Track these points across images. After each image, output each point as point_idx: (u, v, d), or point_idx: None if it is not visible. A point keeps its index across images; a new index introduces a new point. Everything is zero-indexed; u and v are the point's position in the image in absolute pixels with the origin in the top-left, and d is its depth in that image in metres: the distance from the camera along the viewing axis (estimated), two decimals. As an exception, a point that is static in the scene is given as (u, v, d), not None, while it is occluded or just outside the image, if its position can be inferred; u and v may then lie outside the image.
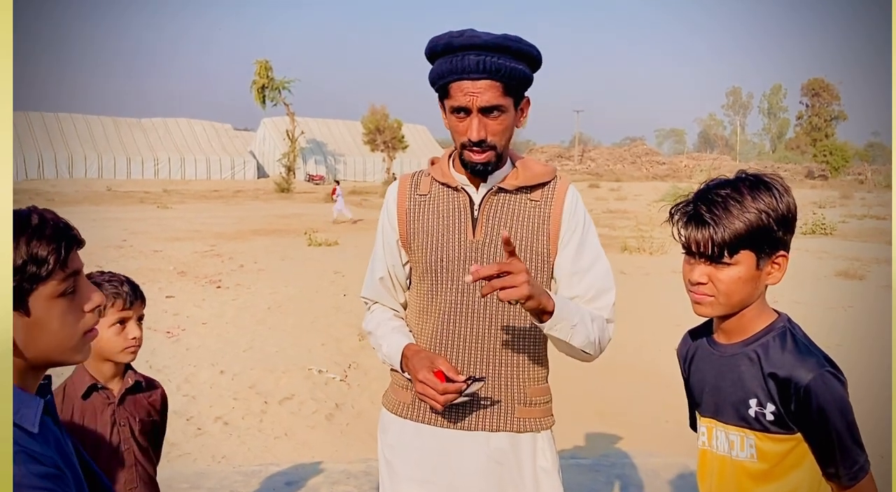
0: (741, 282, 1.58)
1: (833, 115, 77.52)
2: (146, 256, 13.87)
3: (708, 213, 1.56)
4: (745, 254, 1.56)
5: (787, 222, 1.58)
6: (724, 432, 1.66)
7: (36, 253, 1.20)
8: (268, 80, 47.57)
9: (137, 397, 2.27)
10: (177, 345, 7.44)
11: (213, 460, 4.76)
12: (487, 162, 1.91)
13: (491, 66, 1.82)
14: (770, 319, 1.65)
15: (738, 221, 1.53)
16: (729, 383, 1.65)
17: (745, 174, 1.63)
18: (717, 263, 1.57)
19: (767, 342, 1.60)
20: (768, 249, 1.57)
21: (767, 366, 1.58)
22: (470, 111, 1.87)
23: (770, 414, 1.57)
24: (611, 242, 15.84)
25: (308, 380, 6.38)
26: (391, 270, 2.11)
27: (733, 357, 1.65)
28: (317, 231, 17.25)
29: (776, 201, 1.56)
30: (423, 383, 1.85)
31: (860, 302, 9.93)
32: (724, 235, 1.54)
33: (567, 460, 4.49)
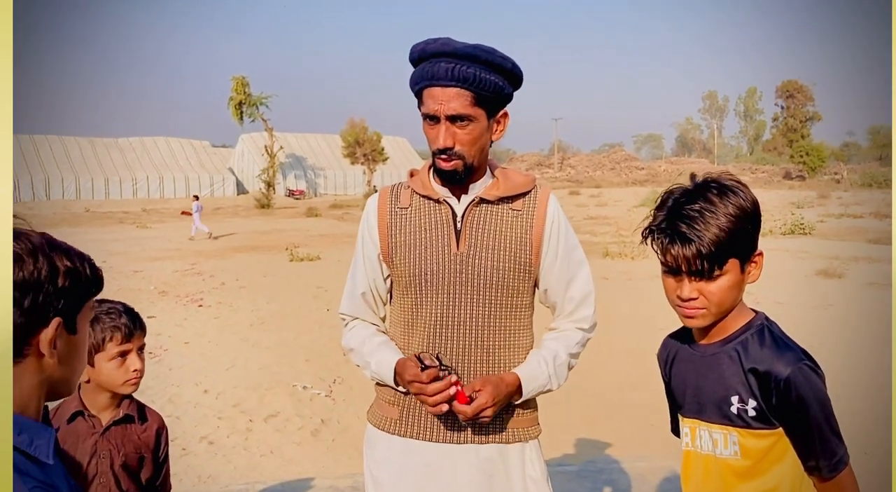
0: (730, 289, 1.60)
1: (808, 116, 78.36)
2: (126, 277, 13.76)
3: (689, 229, 1.56)
4: (732, 262, 1.58)
5: (757, 219, 1.61)
6: (708, 430, 1.68)
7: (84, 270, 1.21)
8: (245, 96, 47.44)
9: (127, 429, 2.18)
10: (159, 365, 7.37)
11: (199, 480, 4.71)
12: (455, 170, 1.91)
13: (460, 75, 1.83)
14: (748, 317, 1.67)
15: (720, 232, 1.55)
16: (710, 382, 1.67)
17: (706, 181, 1.64)
18: (706, 277, 1.59)
19: (746, 339, 1.63)
20: (749, 252, 1.60)
21: (747, 362, 1.60)
22: (439, 118, 1.87)
23: (752, 410, 1.59)
24: (592, 248, 15.90)
25: (293, 396, 6.34)
26: (372, 285, 2.10)
27: (714, 356, 1.67)
28: (298, 246, 17.19)
29: (744, 201, 1.58)
30: (411, 383, 1.85)
31: (840, 300, 10.02)
32: (710, 249, 1.55)
33: (554, 468, 4.48)
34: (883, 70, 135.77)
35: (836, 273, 12.25)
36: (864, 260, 14.09)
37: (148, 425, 2.25)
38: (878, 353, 6.67)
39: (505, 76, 1.91)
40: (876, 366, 6.15)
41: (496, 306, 1.98)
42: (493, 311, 1.98)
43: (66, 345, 1.19)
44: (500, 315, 1.99)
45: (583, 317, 2.06)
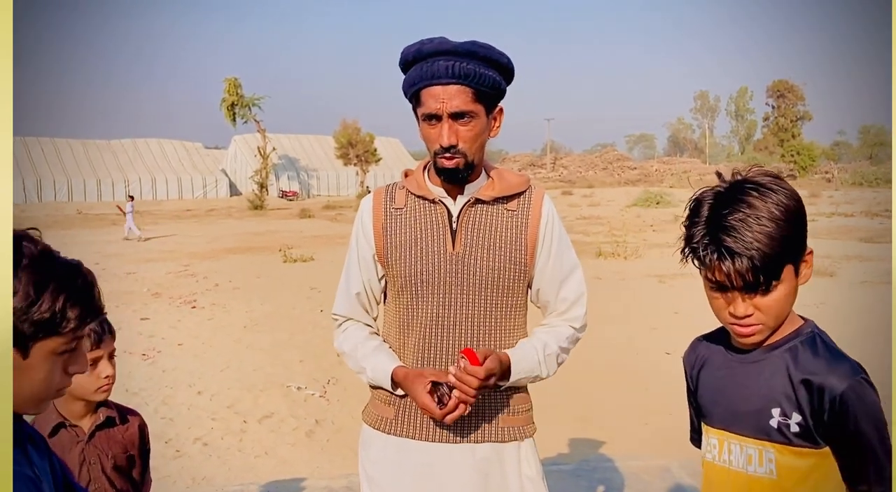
0: (787, 298, 1.46)
1: (799, 115, 78.69)
2: (119, 279, 13.72)
3: (736, 242, 1.39)
4: (787, 269, 1.44)
5: (803, 215, 1.45)
6: (740, 444, 1.52)
7: (65, 312, 1.20)
8: (237, 98, 47.35)
9: (111, 432, 2.20)
10: (153, 367, 7.36)
11: (193, 481, 4.71)
12: (457, 167, 1.91)
13: (460, 71, 1.84)
14: (796, 323, 1.52)
15: (770, 241, 1.39)
16: (749, 392, 1.52)
17: (740, 181, 1.47)
18: (762, 291, 1.44)
19: (796, 347, 1.48)
20: (801, 253, 1.46)
21: (797, 372, 1.45)
22: (441, 117, 1.87)
23: (795, 425, 1.44)
24: (585, 248, 15.94)
25: (287, 397, 6.35)
26: (367, 285, 2.10)
27: (756, 364, 1.52)
28: (291, 247, 17.16)
29: (787, 199, 1.42)
30: (426, 410, 1.88)
31: (831, 299, 10.06)
32: (765, 261, 1.39)
33: (549, 467, 4.48)
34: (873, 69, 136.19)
35: (827, 272, 12.30)
36: (856, 259, 14.17)
37: (130, 425, 2.28)
38: (870, 351, 6.68)
39: (500, 71, 1.93)
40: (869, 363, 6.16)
41: (491, 306, 1.99)
42: (488, 311, 1.99)
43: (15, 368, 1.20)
44: (495, 315, 2.00)
45: (575, 316, 2.08)
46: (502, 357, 1.91)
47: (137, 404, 6.15)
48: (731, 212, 1.41)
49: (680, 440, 5.11)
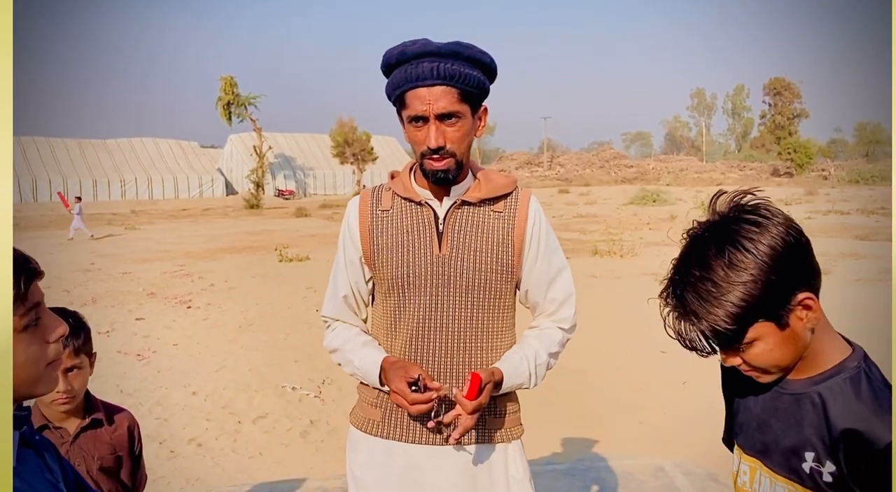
0: (775, 351, 1.33)
1: (795, 113, 78.84)
2: (115, 279, 13.70)
3: (693, 304, 1.31)
4: (757, 328, 1.31)
5: (789, 261, 1.29)
6: (770, 479, 1.41)
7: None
8: (233, 97, 47.33)
9: (97, 433, 2.19)
10: (147, 367, 7.34)
11: (187, 482, 4.70)
12: (447, 169, 1.91)
13: (445, 72, 1.83)
14: (842, 354, 1.37)
15: (728, 305, 1.28)
16: (783, 426, 1.39)
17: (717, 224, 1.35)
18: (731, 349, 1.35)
19: (838, 385, 1.33)
20: (783, 308, 1.30)
21: (835, 416, 1.30)
22: (427, 119, 1.86)
23: (828, 475, 1.30)
24: (581, 246, 15.95)
25: (282, 398, 6.34)
26: (354, 287, 2.09)
27: (794, 397, 1.38)
28: (287, 247, 17.16)
29: (759, 254, 1.28)
30: (395, 394, 1.85)
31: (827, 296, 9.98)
32: (719, 325, 1.29)
33: (543, 466, 4.50)
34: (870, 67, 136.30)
35: (823, 269, 12.26)
36: (852, 256, 14.18)
37: (118, 426, 2.26)
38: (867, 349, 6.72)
39: (484, 71, 1.93)
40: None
41: (478, 308, 1.99)
42: (475, 312, 1.99)
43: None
44: (483, 317, 2.00)
45: (564, 317, 2.07)
46: (496, 375, 1.91)
47: (132, 405, 6.14)
48: (694, 271, 1.32)
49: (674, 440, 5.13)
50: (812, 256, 1.35)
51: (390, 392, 1.89)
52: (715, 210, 1.38)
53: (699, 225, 1.38)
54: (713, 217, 1.37)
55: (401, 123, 1.99)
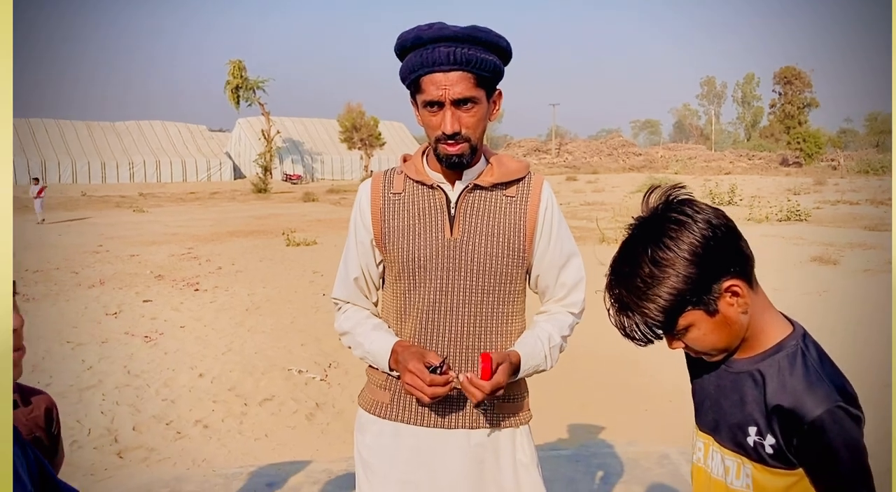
0: (709, 336, 1.44)
1: (805, 102, 78.41)
2: (123, 261, 13.75)
3: (625, 299, 1.43)
4: (685, 316, 1.41)
5: (711, 254, 1.38)
6: (721, 454, 1.51)
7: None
8: (242, 81, 47.34)
9: (14, 414, 2.20)
10: (155, 349, 7.38)
11: (193, 463, 4.73)
12: (462, 154, 1.90)
13: (461, 58, 1.82)
14: (782, 333, 1.46)
15: (656, 299, 1.39)
16: (730, 404, 1.49)
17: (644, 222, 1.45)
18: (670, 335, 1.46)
19: (775, 363, 1.42)
20: (707, 297, 1.39)
21: (771, 393, 1.40)
22: (443, 104, 1.85)
23: (769, 447, 1.40)
24: (589, 234, 15.93)
25: (288, 381, 6.36)
26: (365, 270, 2.09)
27: (738, 375, 1.48)
28: (295, 231, 17.17)
29: (680, 251, 1.37)
30: (411, 374, 1.84)
31: (835, 287, 10.04)
32: (650, 317, 1.41)
33: (548, 452, 4.51)
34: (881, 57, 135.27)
35: (831, 259, 12.27)
36: (860, 247, 14.11)
37: (34, 407, 2.26)
38: (873, 339, 6.70)
39: (499, 55, 1.91)
40: (871, 352, 6.17)
41: (489, 292, 1.98)
42: (485, 297, 1.98)
43: None
44: (493, 301, 1.99)
45: (574, 302, 2.07)
46: (512, 357, 1.91)
47: (139, 386, 6.19)
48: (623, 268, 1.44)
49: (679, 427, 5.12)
50: (740, 243, 1.42)
51: (404, 374, 1.88)
52: (647, 206, 1.48)
53: (633, 222, 1.48)
54: (644, 213, 1.47)
55: (413, 107, 1.98)
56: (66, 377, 6.30)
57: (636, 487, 4.05)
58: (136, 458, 4.83)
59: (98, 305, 9.61)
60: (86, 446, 4.90)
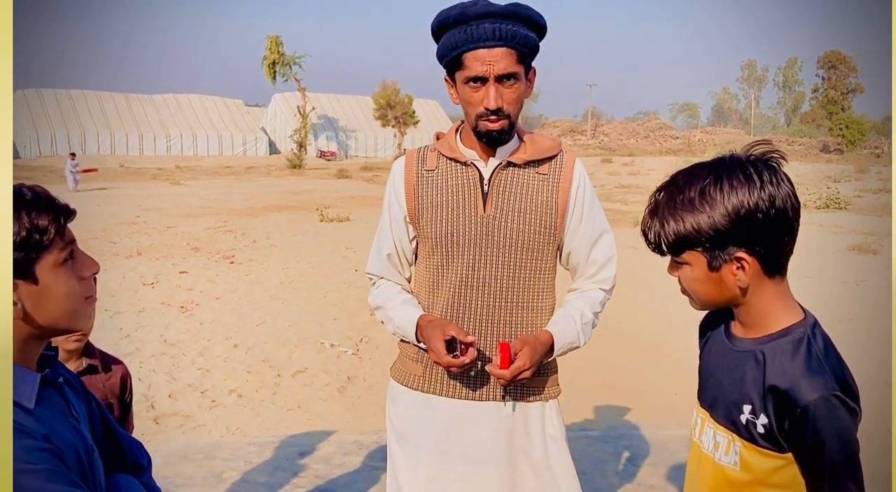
0: (697, 283, 1.47)
1: (850, 87, 76.65)
2: (159, 232, 13.97)
3: (661, 205, 1.45)
4: (692, 253, 1.44)
5: (748, 222, 1.37)
6: (714, 430, 1.54)
7: (37, 223, 1.25)
8: (279, 56, 47.45)
9: (92, 379, 2.27)
10: (191, 320, 7.52)
11: (227, 431, 4.84)
12: (502, 129, 1.93)
13: (506, 34, 1.84)
14: (792, 319, 1.45)
15: (679, 222, 1.41)
16: (730, 381, 1.50)
17: (724, 159, 1.44)
18: (673, 259, 1.49)
19: (779, 347, 1.42)
20: (718, 251, 1.40)
21: (770, 374, 1.41)
22: (486, 80, 1.87)
23: (761, 426, 1.41)
24: (623, 217, 15.82)
25: (320, 354, 6.46)
26: (398, 245, 2.13)
27: (741, 354, 1.49)
28: (328, 207, 17.29)
29: (726, 201, 1.37)
30: (434, 354, 1.90)
31: (873, 276, 9.89)
32: (665, 231, 1.44)
33: (575, 432, 4.54)
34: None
35: (870, 249, 12.07)
36: (900, 236, 13.86)
37: (112, 374, 2.35)
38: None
39: (537, 32, 1.94)
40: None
41: (521, 269, 2.01)
42: (517, 273, 2.01)
43: (29, 296, 1.26)
44: (525, 277, 2.02)
45: (605, 278, 2.10)
46: (541, 338, 1.95)
47: (175, 355, 6.32)
48: (678, 182, 1.45)
49: (708, 411, 5.06)
50: (783, 235, 1.40)
51: (430, 352, 1.93)
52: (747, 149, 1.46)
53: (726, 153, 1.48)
54: (731, 153, 1.46)
55: (448, 85, 2.00)
56: (105, 345, 6.40)
57: (663, 469, 4.07)
58: (172, 424, 4.95)
59: (135, 275, 9.80)
60: (124, 411, 5.02)
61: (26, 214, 1.24)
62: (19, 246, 1.23)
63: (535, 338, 1.94)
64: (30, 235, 1.24)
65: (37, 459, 1.17)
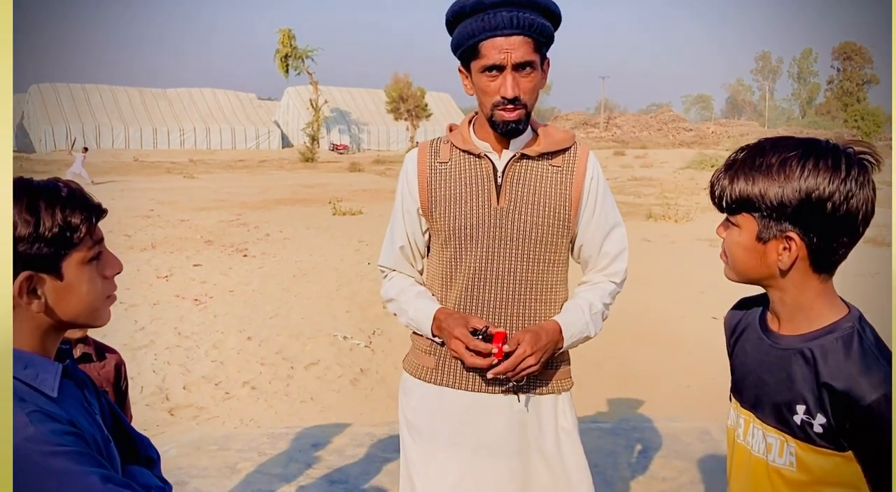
0: (740, 247, 1.43)
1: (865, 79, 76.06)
2: (173, 226, 14.04)
3: (738, 162, 1.41)
4: (746, 217, 1.40)
5: (813, 208, 1.32)
6: (763, 431, 1.46)
7: (70, 221, 1.26)
8: (291, 49, 47.45)
9: (87, 367, 2.28)
10: (204, 312, 7.57)
11: (240, 422, 4.87)
12: (518, 119, 1.92)
13: (524, 22, 1.83)
14: (837, 314, 1.40)
15: (749, 183, 1.37)
16: (776, 380, 1.43)
17: (819, 140, 1.40)
18: (727, 218, 1.46)
19: (829, 344, 1.36)
20: (773, 223, 1.37)
21: (824, 373, 1.34)
22: (503, 68, 1.86)
23: (819, 426, 1.35)
24: (636, 210, 15.77)
25: (333, 346, 6.48)
26: (411, 238, 2.13)
27: (786, 352, 1.42)
28: (341, 200, 17.32)
29: (804, 181, 1.32)
30: (457, 340, 1.89)
31: (887, 269, 9.82)
32: (731, 189, 1.40)
33: (588, 424, 4.55)
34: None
35: (884, 241, 11.97)
36: (916, 229, 13.75)
37: (106, 362, 2.36)
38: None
39: (553, 21, 1.93)
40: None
41: (534, 261, 2.01)
42: (530, 265, 2.01)
43: (53, 291, 1.28)
44: (538, 270, 2.02)
45: (616, 271, 2.09)
46: (546, 327, 1.95)
47: (189, 347, 6.37)
48: (765, 145, 1.40)
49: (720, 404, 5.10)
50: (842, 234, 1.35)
51: (449, 341, 1.92)
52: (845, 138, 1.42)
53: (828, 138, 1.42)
54: (828, 139, 1.41)
55: (462, 76, 2.00)
56: (120, 337, 6.50)
57: (676, 461, 4.07)
58: (187, 416, 4.99)
59: (150, 268, 9.86)
60: (139, 403, 5.07)
61: (60, 210, 1.25)
62: (50, 241, 1.24)
63: (538, 326, 1.95)
64: (62, 231, 1.25)
65: (66, 441, 1.18)
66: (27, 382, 1.22)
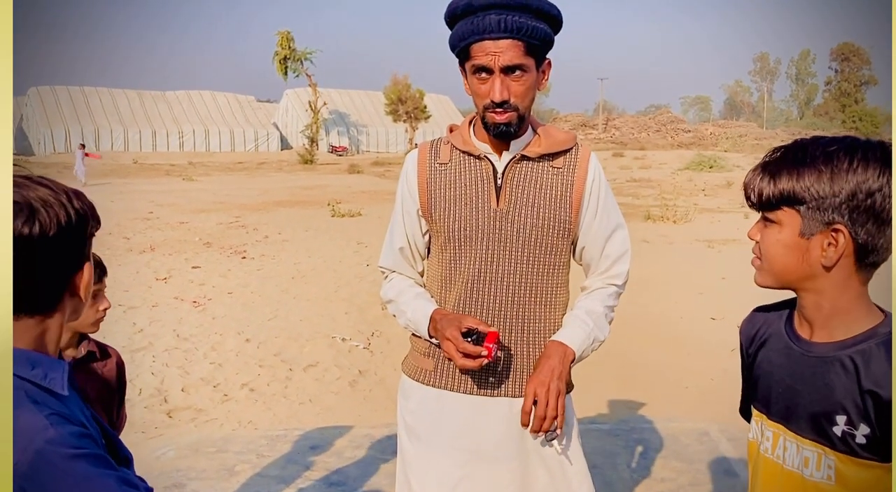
0: (781, 246, 1.35)
1: (863, 80, 76.15)
2: (172, 228, 14.04)
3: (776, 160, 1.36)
4: (788, 212, 1.34)
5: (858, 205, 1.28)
6: (797, 444, 1.39)
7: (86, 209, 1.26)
8: (290, 52, 47.49)
9: (90, 367, 2.27)
10: (203, 314, 7.56)
11: (239, 425, 4.86)
12: (509, 122, 1.90)
13: (512, 25, 1.81)
14: (875, 320, 1.35)
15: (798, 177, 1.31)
16: (811, 390, 1.36)
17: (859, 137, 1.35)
18: (765, 217, 1.39)
19: (869, 350, 1.30)
20: (819, 217, 1.30)
21: (867, 380, 1.28)
22: (492, 71, 1.85)
23: (862, 437, 1.28)
24: (634, 211, 15.78)
25: (332, 348, 6.47)
26: (411, 239, 2.12)
27: (822, 360, 1.35)
28: (340, 202, 17.31)
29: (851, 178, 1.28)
30: (448, 342, 1.87)
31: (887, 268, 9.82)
32: (773, 186, 1.34)
33: (587, 426, 4.54)
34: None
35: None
36: (915, 229, 13.76)
37: (109, 360, 2.34)
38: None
39: (550, 24, 1.91)
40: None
41: (534, 263, 2.00)
42: (530, 268, 2.00)
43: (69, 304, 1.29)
44: (538, 272, 2.00)
45: (618, 273, 2.07)
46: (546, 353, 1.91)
47: (188, 349, 6.36)
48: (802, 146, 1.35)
49: (719, 405, 5.12)
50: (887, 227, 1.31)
51: (442, 342, 1.91)
52: None
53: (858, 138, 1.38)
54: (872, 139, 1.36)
55: (462, 75, 1.98)
56: (119, 339, 6.49)
57: (675, 462, 4.07)
58: (185, 418, 4.98)
59: (149, 270, 9.85)
60: (137, 405, 5.06)
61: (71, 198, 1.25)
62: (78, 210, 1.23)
63: (537, 362, 1.91)
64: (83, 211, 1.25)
65: (84, 444, 1.18)
66: (37, 382, 1.21)
